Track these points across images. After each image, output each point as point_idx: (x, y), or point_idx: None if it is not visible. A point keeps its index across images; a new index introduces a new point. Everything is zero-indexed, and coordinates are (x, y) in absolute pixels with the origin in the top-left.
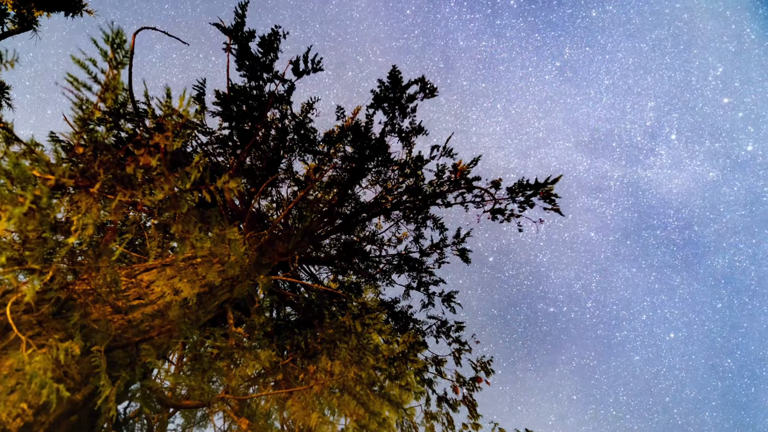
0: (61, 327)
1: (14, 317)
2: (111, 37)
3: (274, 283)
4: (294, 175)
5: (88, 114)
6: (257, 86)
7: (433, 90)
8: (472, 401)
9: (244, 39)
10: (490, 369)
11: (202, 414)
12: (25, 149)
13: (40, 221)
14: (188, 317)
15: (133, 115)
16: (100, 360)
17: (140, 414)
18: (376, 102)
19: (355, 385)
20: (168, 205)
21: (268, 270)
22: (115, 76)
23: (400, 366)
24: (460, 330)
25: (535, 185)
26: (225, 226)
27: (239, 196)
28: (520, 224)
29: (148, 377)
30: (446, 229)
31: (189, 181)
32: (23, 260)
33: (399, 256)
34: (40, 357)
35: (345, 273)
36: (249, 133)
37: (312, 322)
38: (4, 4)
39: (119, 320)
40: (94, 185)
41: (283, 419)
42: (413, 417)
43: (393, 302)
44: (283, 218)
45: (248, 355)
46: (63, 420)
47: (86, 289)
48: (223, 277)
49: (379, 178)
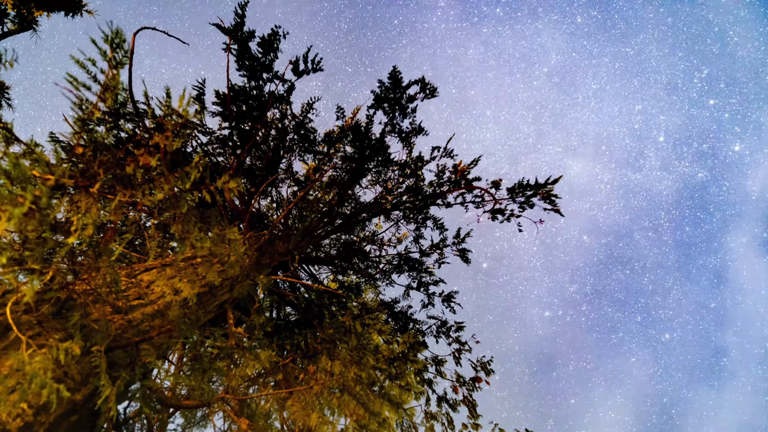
0: (61, 327)
1: (14, 317)
2: (110, 37)
3: (274, 283)
4: (294, 175)
5: (87, 114)
6: (257, 86)
7: (434, 90)
8: (472, 401)
9: (244, 39)
10: (490, 369)
11: (202, 414)
12: (25, 149)
13: (40, 221)
14: (188, 317)
15: (133, 115)
16: (100, 360)
17: (140, 414)
18: (376, 102)
19: (355, 385)
20: (168, 205)
21: (268, 270)
22: (115, 75)
23: (400, 366)
24: (460, 330)
25: (535, 185)
26: (225, 226)
27: (239, 196)
28: (520, 224)
29: (148, 377)
30: (446, 229)
31: (189, 181)
32: (23, 260)
33: (399, 256)
34: (41, 357)
35: (345, 273)
36: (249, 133)
37: (312, 322)
38: (4, 4)
39: (119, 320)
40: (94, 185)
41: (283, 419)
42: (413, 417)
43: (393, 302)
44: (283, 218)
45: (248, 355)
46: (63, 420)
47: (86, 289)
48: (223, 277)
49: (379, 178)
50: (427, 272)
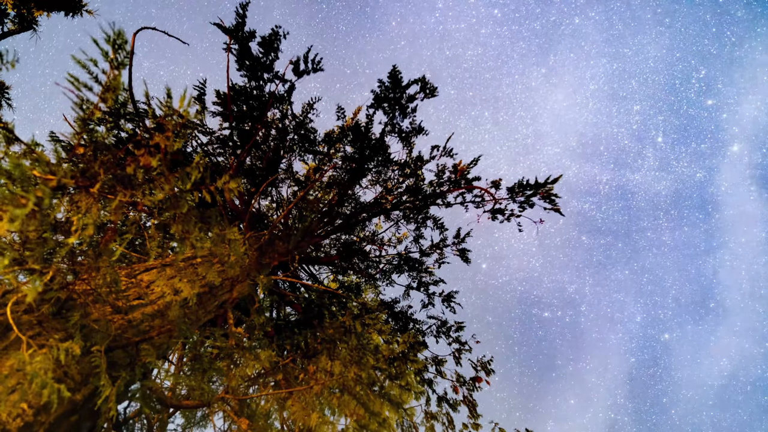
0: (61, 327)
1: (14, 317)
2: (112, 38)
3: (274, 283)
4: (294, 175)
5: (88, 114)
6: (257, 86)
7: (434, 90)
8: (472, 401)
9: (245, 39)
10: (491, 369)
11: (202, 414)
12: (25, 149)
13: (41, 221)
14: (188, 317)
15: (134, 115)
16: (100, 360)
17: (140, 414)
18: (376, 102)
19: (355, 385)
20: (168, 205)
21: (268, 270)
22: (116, 76)
23: (400, 366)
24: (460, 330)
25: (535, 185)
26: (225, 226)
27: (239, 196)
28: (520, 224)
29: (148, 377)
30: (446, 229)
31: (189, 181)
32: (24, 260)
33: (399, 256)
34: (41, 357)
35: (345, 273)
36: (249, 133)
37: (312, 322)
38: (4, 4)
39: (119, 320)
40: (95, 185)
41: (283, 419)
42: (413, 417)
43: (393, 302)
44: (283, 218)
45: (248, 355)
46: (63, 420)
47: (86, 289)
48: (223, 277)
49: (379, 178)
50: (427, 272)
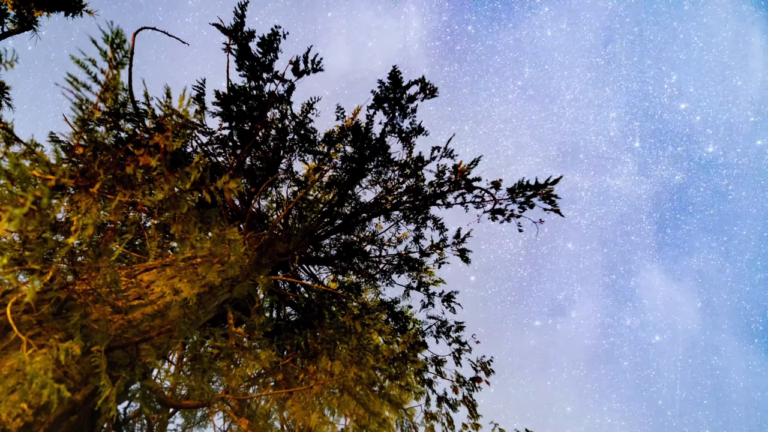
0: (61, 327)
1: (14, 317)
2: (111, 37)
3: (274, 283)
4: (294, 175)
5: (87, 114)
6: (257, 86)
7: (434, 90)
8: (472, 401)
9: (244, 39)
10: (490, 369)
11: (202, 414)
12: (25, 149)
13: (41, 221)
14: (188, 317)
15: (133, 115)
16: (100, 360)
17: (140, 414)
18: (376, 102)
19: (355, 385)
20: (168, 206)
21: (268, 270)
22: (115, 76)
23: (400, 366)
24: (460, 330)
25: (535, 186)
26: (225, 226)
27: (239, 196)
28: (520, 225)
29: (148, 377)
30: (446, 229)
31: (189, 181)
32: (23, 260)
33: (399, 256)
34: (41, 357)
35: (345, 273)
36: (249, 133)
37: (312, 322)
38: (4, 4)
39: (119, 320)
40: (94, 185)
41: (283, 419)
42: (413, 417)
43: (393, 302)
44: (283, 218)
45: (248, 355)
46: (63, 420)
47: (86, 289)
48: (223, 277)
49: (379, 178)
50: (427, 272)
